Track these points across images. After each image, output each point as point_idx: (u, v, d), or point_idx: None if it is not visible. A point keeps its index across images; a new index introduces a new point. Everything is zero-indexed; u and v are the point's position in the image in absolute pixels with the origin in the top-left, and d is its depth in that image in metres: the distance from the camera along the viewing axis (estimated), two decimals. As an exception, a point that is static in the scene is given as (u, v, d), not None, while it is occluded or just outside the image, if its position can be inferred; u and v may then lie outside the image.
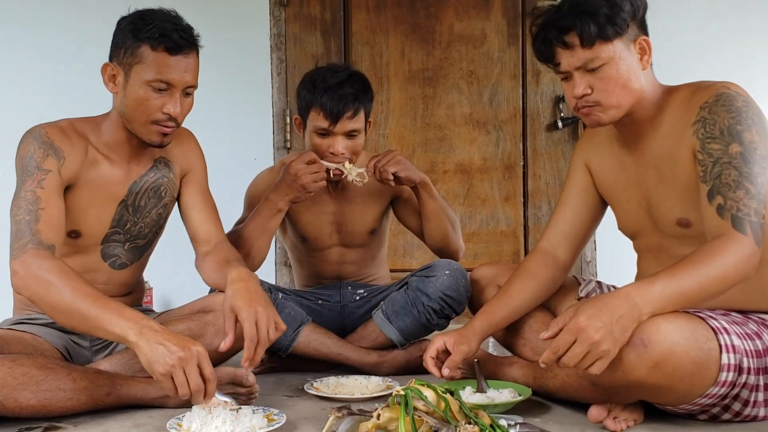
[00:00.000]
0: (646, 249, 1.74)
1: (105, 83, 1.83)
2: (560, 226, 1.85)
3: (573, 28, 1.54)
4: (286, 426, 1.55)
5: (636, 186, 1.69)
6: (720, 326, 1.44)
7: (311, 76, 2.14)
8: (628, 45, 1.56)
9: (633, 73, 1.57)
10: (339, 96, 2.06)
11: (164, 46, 1.72)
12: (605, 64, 1.54)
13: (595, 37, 1.53)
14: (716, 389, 1.43)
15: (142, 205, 1.90)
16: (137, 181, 1.88)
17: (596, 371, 1.38)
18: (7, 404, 1.53)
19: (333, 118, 2.06)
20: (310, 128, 2.13)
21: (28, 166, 1.71)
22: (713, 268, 1.40)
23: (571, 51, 1.56)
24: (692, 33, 3.30)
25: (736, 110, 1.49)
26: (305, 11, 3.39)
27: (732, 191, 1.44)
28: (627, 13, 1.54)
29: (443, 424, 1.31)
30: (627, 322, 1.37)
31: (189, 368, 1.46)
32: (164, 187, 1.93)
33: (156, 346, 1.48)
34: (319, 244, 2.31)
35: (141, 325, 1.51)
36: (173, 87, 1.75)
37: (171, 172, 1.95)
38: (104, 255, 1.88)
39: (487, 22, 3.41)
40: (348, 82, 2.09)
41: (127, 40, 1.76)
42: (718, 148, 1.48)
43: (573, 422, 1.59)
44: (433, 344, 1.76)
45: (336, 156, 2.10)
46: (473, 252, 3.38)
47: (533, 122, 3.43)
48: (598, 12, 1.52)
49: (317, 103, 2.08)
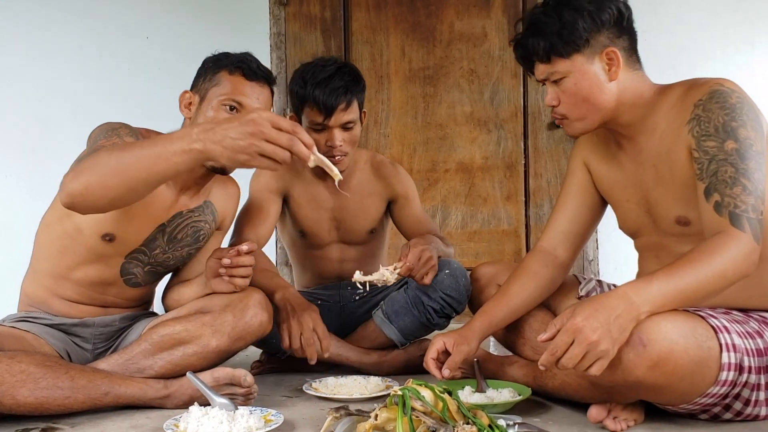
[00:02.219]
0: (646, 248, 1.74)
1: (180, 109, 1.86)
2: (560, 226, 1.85)
3: (527, 45, 1.61)
4: (284, 426, 1.55)
5: (634, 185, 1.69)
6: (720, 325, 1.42)
7: (301, 73, 2.13)
8: (591, 58, 1.58)
9: (597, 86, 1.58)
10: (330, 89, 2.06)
11: (241, 72, 1.80)
12: (565, 78, 1.59)
13: (548, 52, 1.58)
14: (717, 388, 1.42)
15: (179, 238, 1.88)
16: (183, 213, 1.87)
17: (595, 372, 1.37)
18: (4, 401, 1.53)
19: (327, 111, 2.06)
20: (306, 124, 2.13)
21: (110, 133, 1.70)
22: (712, 266, 1.39)
23: (537, 64, 1.63)
24: (696, 30, 3.29)
25: (731, 107, 1.48)
26: (305, 10, 3.39)
27: (729, 188, 1.44)
28: (583, 29, 1.55)
29: (441, 424, 1.30)
30: (625, 321, 1.36)
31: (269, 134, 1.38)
32: (204, 232, 1.94)
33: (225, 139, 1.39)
34: (318, 240, 2.30)
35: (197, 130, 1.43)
36: (244, 110, 1.77)
37: (214, 219, 1.96)
38: (123, 270, 1.85)
39: (488, 20, 3.41)
40: (338, 75, 2.09)
41: (208, 70, 1.84)
42: (714, 146, 1.48)
43: (572, 422, 1.58)
44: (434, 345, 1.75)
45: (334, 149, 2.10)
46: (474, 251, 3.38)
47: (534, 121, 3.42)
48: (547, 31, 1.57)
49: (310, 99, 2.07)
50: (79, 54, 3.26)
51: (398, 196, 2.32)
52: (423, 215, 2.37)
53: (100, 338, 1.89)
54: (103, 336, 1.90)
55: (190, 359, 1.74)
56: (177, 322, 1.77)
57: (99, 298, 1.88)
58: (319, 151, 2.10)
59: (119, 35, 3.30)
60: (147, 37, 3.32)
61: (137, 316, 1.95)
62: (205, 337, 1.73)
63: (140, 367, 1.74)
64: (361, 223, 2.30)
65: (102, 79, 3.27)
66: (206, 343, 1.73)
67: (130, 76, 3.29)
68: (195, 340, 1.73)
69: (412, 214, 2.33)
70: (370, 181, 2.30)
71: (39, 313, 1.84)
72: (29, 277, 1.90)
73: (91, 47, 3.28)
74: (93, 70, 3.26)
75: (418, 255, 1.98)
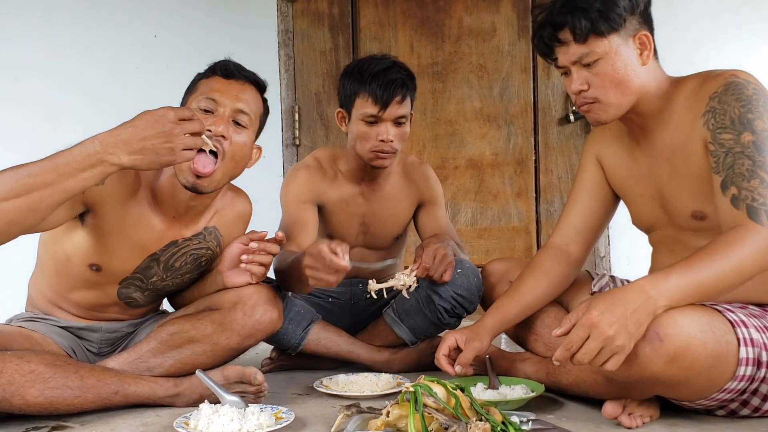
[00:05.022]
0: (661, 242, 1.71)
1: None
2: (572, 222, 1.83)
3: (566, 24, 1.54)
4: (295, 424, 1.54)
5: (649, 180, 1.67)
6: (738, 319, 1.40)
7: (355, 67, 2.10)
8: (626, 40, 1.54)
9: (631, 69, 1.55)
10: (388, 81, 2.03)
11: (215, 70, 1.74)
12: (600, 59, 1.53)
13: (588, 32, 1.52)
14: (734, 384, 1.40)
15: (176, 266, 1.80)
16: (178, 242, 1.78)
17: (611, 367, 1.35)
18: (14, 401, 1.51)
19: (383, 103, 2.03)
20: (357, 116, 2.08)
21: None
22: (730, 260, 1.37)
23: (566, 47, 1.56)
24: (708, 21, 3.27)
25: (747, 98, 1.46)
26: (313, 7, 3.37)
27: (746, 181, 1.42)
28: (623, 8, 1.52)
29: (454, 421, 1.28)
30: (641, 315, 1.34)
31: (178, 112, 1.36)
32: (205, 258, 1.85)
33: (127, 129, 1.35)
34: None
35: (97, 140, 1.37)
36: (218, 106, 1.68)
37: (218, 244, 1.85)
38: (120, 294, 1.80)
39: (497, 15, 3.38)
40: (394, 68, 2.07)
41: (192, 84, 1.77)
42: (730, 138, 1.45)
43: (587, 419, 1.56)
44: (445, 342, 1.74)
45: (385, 143, 2.06)
46: (485, 248, 3.36)
47: (545, 116, 3.39)
48: (590, 7, 1.51)
49: (366, 90, 2.04)
50: (86, 53, 3.26)
51: (426, 201, 2.30)
52: (446, 221, 2.35)
53: (107, 342, 1.88)
54: (110, 340, 1.88)
55: (200, 358, 1.73)
56: (186, 320, 1.76)
57: (102, 316, 1.85)
58: (369, 145, 2.07)
59: (127, 34, 3.30)
60: (155, 35, 3.32)
61: (147, 319, 1.93)
62: (214, 335, 1.72)
63: (149, 366, 1.73)
64: (389, 229, 2.27)
65: (110, 77, 3.27)
66: (216, 341, 1.72)
67: (139, 74, 3.28)
68: (204, 338, 1.72)
69: (436, 219, 2.30)
70: (402, 185, 2.27)
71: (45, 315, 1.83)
72: (34, 283, 1.88)
73: (99, 46, 3.28)
74: (101, 69, 3.26)
75: (432, 254, 1.95)
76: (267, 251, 1.73)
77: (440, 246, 1.99)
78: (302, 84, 3.38)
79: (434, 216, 2.30)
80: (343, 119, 2.17)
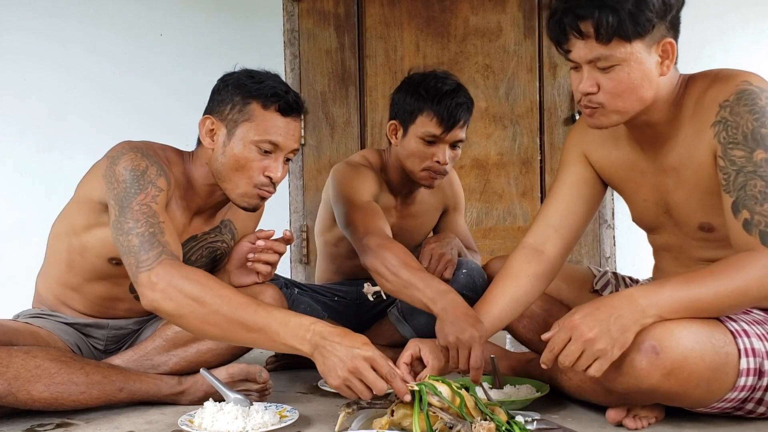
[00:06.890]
0: (664, 248, 1.67)
1: (202, 137, 1.70)
2: (550, 220, 1.72)
3: (590, 17, 1.38)
4: (299, 422, 1.54)
5: (653, 187, 1.60)
6: (739, 329, 1.37)
7: (420, 83, 2.04)
8: (650, 47, 1.41)
9: (647, 79, 1.43)
10: (456, 104, 1.99)
11: (277, 107, 1.63)
12: (618, 65, 1.40)
13: (613, 33, 1.37)
14: (735, 394, 1.37)
15: (192, 260, 1.79)
16: (197, 237, 1.79)
17: (594, 373, 1.33)
18: (19, 396, 1.52)
19: (447, 126, 2.00)
20: (417, 134, 2.03)
21: (141, 180, 1.58)
22: (734, 281, 1.33)
23: (584, 41, 1.41)
24: (715, 21, 3.26)
25: (760, 110, 1.37)
26: (318, 6, 3.38)
27: (759, 204, 1.34)
28: (654, 12, 1.38)
29: (458, 420, 1.28)
30: (627, 321, 1.32)
31: (365, 375, 1.37)
32: (220, 252, 1.85)
33: (329, 358, 1.38)
34: None
35: (312, 332, 1.40)
36: (279, 150, 1.65)
37: (233, 238, 1.87)
38: (132, 288, 1.78)
39: (503, 15, 3.38)
40: (461, 91, 2.03)
41: (234, 96, 1.65)
42: (742, 155, 1.37)
43: (591, 419, 1.56)
44: (408, 350, 1.58)
45: (440, 165, 2.03)
46: (490, 248, 3.35)
47: (550, 116, 3.39)
48: (621, 7, 1.36)
49: (431, 110, 2.00)
50: (93, 52, 3.28)
51: (450, 208, 2.30)
52: (464, 227, 2.33)
53: (113, 339, 1.88)
54: (116, 338, 1.89)
55: (205, 356, 1.73)
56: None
57: (109, 312, 1.85)
58: (424, 164, 2.03)
59: (133, 33, 3.31)
60: (161, 34, 3.32)
61: (152, 318, 1.93)
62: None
63: (154, 364, 1.73)
64: (415, 239, 2.27)
65: (116, 76, 3.28)
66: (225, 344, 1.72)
67: (145, 73, 3.29)
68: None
69: (456, 226, 2.30)
70: (430, 194, 2.26)
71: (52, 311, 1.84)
72: (41, 278, 1.88)
73: (105, 45, 3.29)
74: (107, 68, 3.27)
75: (428, 254, 1.95)
76: (274, 250, 1.73)
77: (437, 246, 1.99)
78: (308, 83, 3.38)
79: (455, 223, 2.31)
80: (395, 132, 2.12)
